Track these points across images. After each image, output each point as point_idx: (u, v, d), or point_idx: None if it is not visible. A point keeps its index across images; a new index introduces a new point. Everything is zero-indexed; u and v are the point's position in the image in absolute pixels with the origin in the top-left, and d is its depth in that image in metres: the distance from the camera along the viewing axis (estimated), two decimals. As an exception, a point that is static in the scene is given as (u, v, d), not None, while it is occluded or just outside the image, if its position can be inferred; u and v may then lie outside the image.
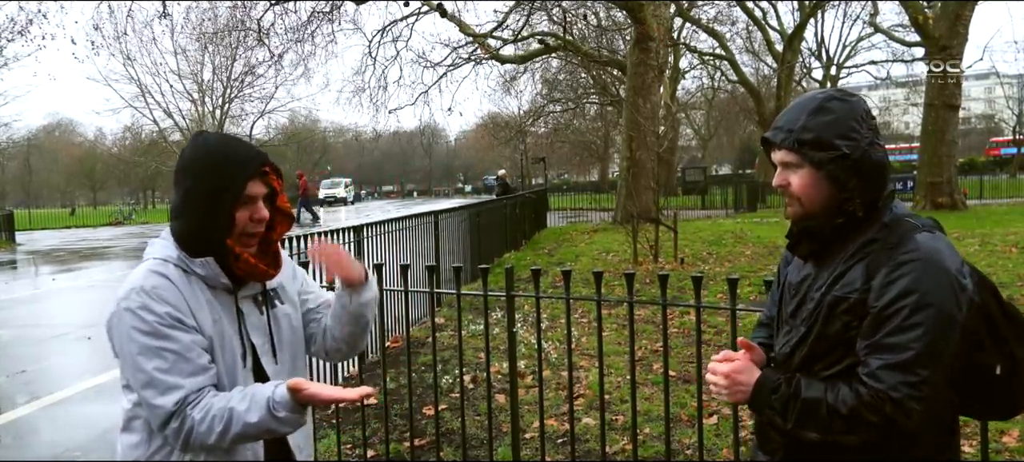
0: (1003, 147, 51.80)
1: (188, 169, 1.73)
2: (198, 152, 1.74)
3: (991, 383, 1.58)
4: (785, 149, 1.61)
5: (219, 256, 1.71)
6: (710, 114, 51.94)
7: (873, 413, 1.46)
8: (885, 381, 1.44)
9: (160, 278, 1.68)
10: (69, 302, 11.66)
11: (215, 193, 1.69)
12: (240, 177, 1.71)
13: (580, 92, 37.86)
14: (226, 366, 1.71)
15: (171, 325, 1.63)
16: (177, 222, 1.75)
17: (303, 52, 27.79)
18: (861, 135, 1.56)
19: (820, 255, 1.63)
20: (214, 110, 46.17)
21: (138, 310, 1.63)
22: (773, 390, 1.57)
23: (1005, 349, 1.57)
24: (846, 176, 1.55)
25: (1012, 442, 4.08)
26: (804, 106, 1.61)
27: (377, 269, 3.81)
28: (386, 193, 79.11)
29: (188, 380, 1.62)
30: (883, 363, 1.45)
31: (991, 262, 10.01)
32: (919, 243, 1.50)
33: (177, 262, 1.71)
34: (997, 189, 29.87)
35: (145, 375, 1.62)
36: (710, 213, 24.87)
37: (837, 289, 1.56)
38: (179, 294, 1.67)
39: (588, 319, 7.53)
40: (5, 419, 5.51)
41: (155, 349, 1.62)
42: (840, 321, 1.54)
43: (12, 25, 23.86)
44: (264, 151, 1.80)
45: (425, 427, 4.68)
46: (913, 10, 20.43)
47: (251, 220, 1.73)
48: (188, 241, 1.72)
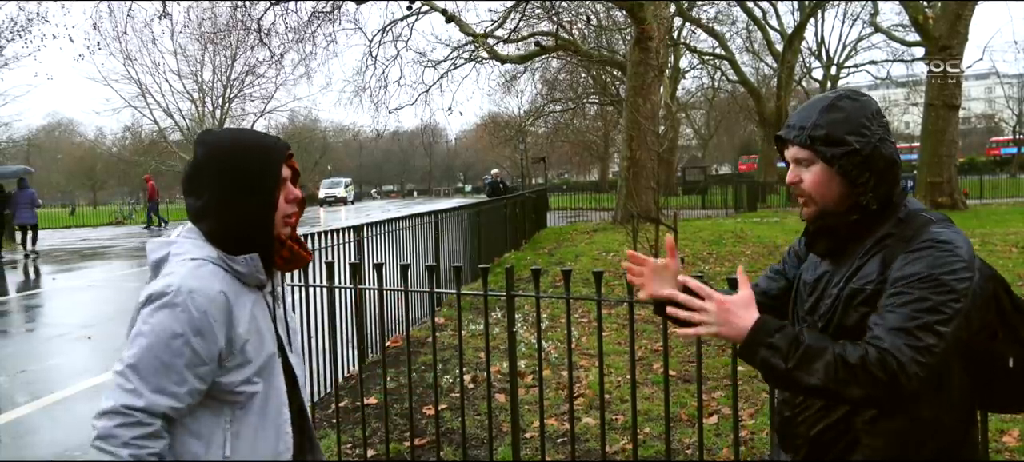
0: (1003, 147, 51.80)
1: (214, 169, 1.68)
2: (222, 149, 1.70)
3: (1006, 375, 1.61)
4: (798, 145, 1.64)
5: (265, 249, 1.70)
6: (710, 114, 51.97)
7: (880, 370, 1.44)
8: (890, 342, 1.45)
9: (203, 280, 1.63)
10: (69, 302, 11.67)
11: (255, 182, 1.68)
12: (276, 160, 1.71)
13: (580, 92, 37.87)
14: (264, 360, 1.71)
15: (196, 332, 1.59)
16: (208, 223, 1.70)
17: (304, 52, 27.81)
18: (871, 131, 1.60)
19: (837, 253, 1.66)
20: (214, 110, 46.18)
21: (168, 305, 1.59)
22: (777, 329, 1.53)
23: (1018, 341, 1.61)
24: (857, 171, 1.59)
25: (1012, 442, 4.08)
26: (816, 105, 1.65)
27: (377, 269, 3.81)
28: (386, 193, 79.12)
29: (156, 396, 1.58)
30: (890, 326, 1.47)
31: (991, 262, 9.90)
32: (935, 233, 1.54)
33: (217, 262, 1.68)
34: (997, 189, 29.88)
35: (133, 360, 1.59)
36: (710, 213, 24.87)
37: (854, 282, 1.58)
38: (222, 298, 1.63)
39: (588, 319, 7.53)
40: (5, 419, 5.51)
41: (157, 349, 1.59)
42: (857, 313, 1.56)
43: (12, 25, 23.84)
44: None
45: (425, 427, 4.68)
46: (913, 10, 20.43)
47: (286, 201, 1.74)
48: (228, 240, 1.68)
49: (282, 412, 1.77)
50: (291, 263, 1.79)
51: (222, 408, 1.69)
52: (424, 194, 76.00)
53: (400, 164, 78.57)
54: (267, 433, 1.73)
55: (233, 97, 46.09)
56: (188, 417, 1.67)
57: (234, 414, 1.69)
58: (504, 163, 54.55)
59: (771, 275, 1.90)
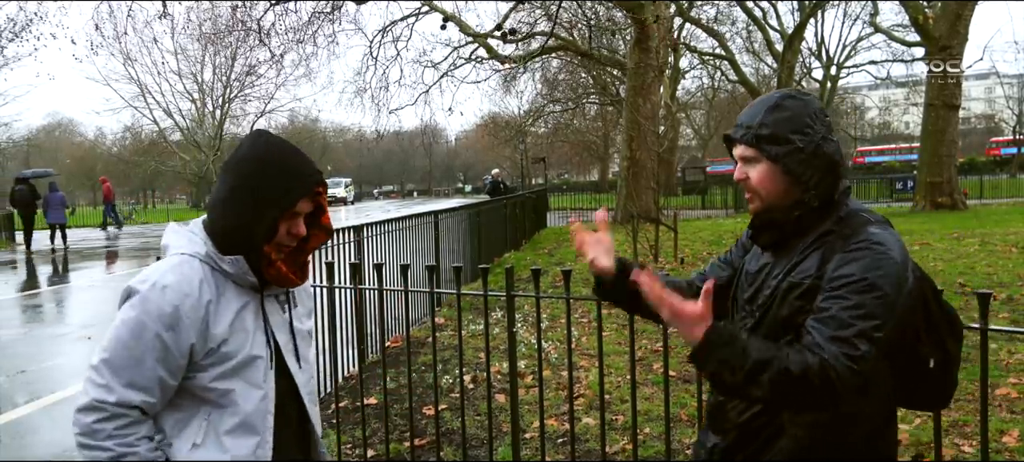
0: (1003, 147, 51.78)
1: (242, 166, 1.69)
2: (257, 153, 1.70)
3: (926, 375, 1.69)
4: (744, 144, 1.71)
5: (251, 257, 1.70)
6: (710, 114, 51.93)
7: (819, 380, 1.50)
8: (829, 352, 1.49)
9: (181, 276, 1.64)
10: (69, 301, 11.66)
11: (265, 200, 1.67)
12: (295, 193, 1.69)
13: (580, 92, 37.86)
14: (243, 360, 1.70)
15: (167, 327, 1.61)
16: (214, 214, 1.72)
17: (304, 52, 27.83)
18: (814, 130, 1.66)
19: (779, 246, 1.73)
20: (214, 110, 46.20)
21: (140, 301, 1.62)
22: (725, 342, 1.55)
23: (940, 343, 1.69)
24: (801, 169, 1.65)
25: (1012, 442, 4.08)
26: (762, 104, 1.72)
27: (377, 269, 3.81)
28: (387, 193, 79.14)
29: (127, 391, 1.61)
30: (829, 335, 1.51)
31: (991, 262, 10.00)
32: (871, 234, 1.60)
33: (205, 258, 1.69)
34: (997, 189, 29.87)
35: (106, 354, 1.62)
36: (710, 213, 24.87)
37: (793, 276, 1.65)
38: (197, 293, 1.64)
39: (588, 319, 7.53)
40: (5, 419, 5.51)
41: (129, 344, 1.61)
42: (791, 306, 1.63)
43: (12, 25, 23.83)
44: (320, 169, 1.78)
45: (425, 427, 4.68)
46: (913, 10, 20.42)
47: (288, 234, 1.72)
48: (222, 237, 1.70)
49: (266, 418, 1.74)
50: (278, 281, 1.76)
51: (199, 406, 1.69)
52: (424, 194, 75.98)
53: (400, 164, 78.54)
54: (243, 435, 1.71)
55: (233, 97, 46.14)
56: (165, 412, 1.68)
57: (210, 413, 1.69)
58: (504, 163, 54.51)
59: (719, 263, 1.99)
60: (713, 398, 1.84)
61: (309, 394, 1.88)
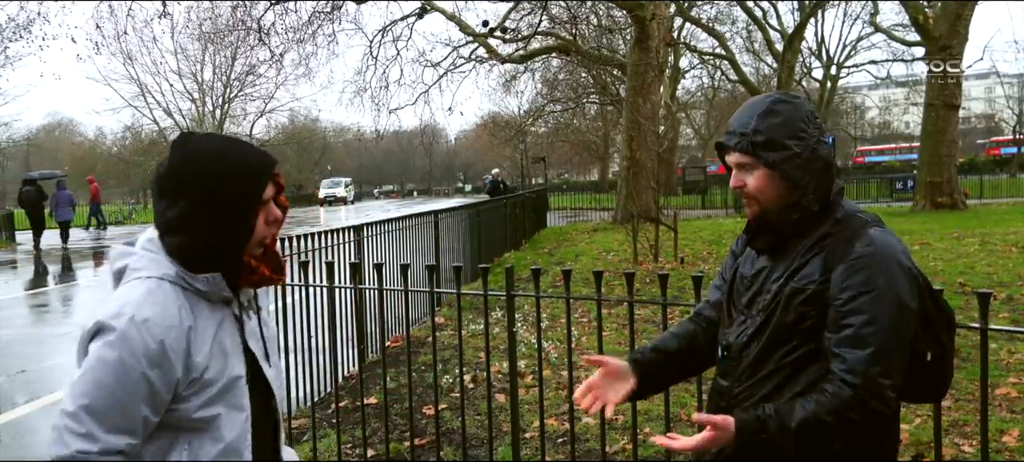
0: (1003, 147, 51.80)
1: (191, 180, 1.55)
2: (201, 159, 1.56)
3: (923, 369, 1.69)
4: (739, 152, 1.70)
5: (230, 270, 1.58)
6: (710, 114, 51.92)
7: (855, 410, 1.54)
8: (862, 375, 1.52)
9: (158, 305, 1.50)
10: (69, 302, 11.66)
11: (234, 201, 1.55)
12: (261, 182, 1.59)
13: (580, 92, 37.85)
14: (226, 383, 1.59)
15: (153, 365, 1.47)
16: (177, 238, 1.56)
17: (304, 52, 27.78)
18: (809, 134, 1.66)
19: (777, 249, 1.73)
20: (214, 110, 46.20)
21: (121, 340, 1.47)
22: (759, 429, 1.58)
23: (936, 338, 1.69)
24: (799, 173, 1.65)
25: (1012, 442, 4.08)
26: (753, 109, 1.70)
27: (377, 268, 3.81)
28: (387, 193, 79.15)
29: (110, 437, 1.47)
30: (856, 358, 1.53)
31: (991, 262, 10.01)
32: (873, 238, 1.60)
33: (174, 280, 1.55)
34: (997, 189, 29.86)
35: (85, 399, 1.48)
36: (710, 213, 24.87)
37: (795, 281, 1.65)
38: (179, 323, 1.51)
39: (588, 319, 7.53)
40: (5, 419, 5.51)
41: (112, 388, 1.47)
42: (796, 311, 1.63)
43: (13, 25, 23.82)
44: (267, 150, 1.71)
45: (425, 427, 4.68)
46: (913, 10, 20.42)
47: (266, 223, 1.63)
48: (194, 257, 1.55)
49: (245, 439, 1.64)
50: (260, 283, 1.67)
51: (177, 436, 1.56)
52: (424, 194, 75.99)
53: (400, 164, 78.56)
54: (226, 457, 1.60)
55: (233, 97, 46.15)
56: (143, 447, 1.54)
57: (190, 441, 1.57)
58: (504, 163, 54.53)
59: (718, 284, 1.95)
60: (714, 398, 1.84)
61: (279, 387, 1.79)
